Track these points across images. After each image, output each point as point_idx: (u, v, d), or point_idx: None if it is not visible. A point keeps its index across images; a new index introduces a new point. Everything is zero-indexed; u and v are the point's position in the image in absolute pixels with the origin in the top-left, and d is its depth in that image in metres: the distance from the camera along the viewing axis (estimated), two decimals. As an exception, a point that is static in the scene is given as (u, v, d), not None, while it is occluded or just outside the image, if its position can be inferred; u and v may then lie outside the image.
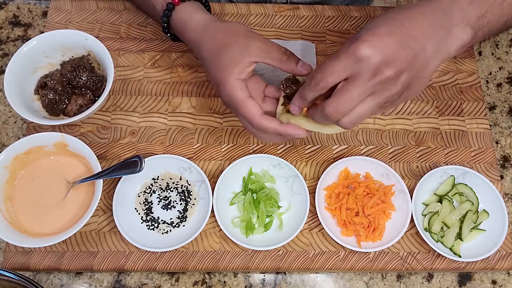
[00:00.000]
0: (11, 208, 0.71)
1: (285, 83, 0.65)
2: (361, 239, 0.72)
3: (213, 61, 0.66)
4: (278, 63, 0.65)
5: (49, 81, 0.77)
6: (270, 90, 0.69)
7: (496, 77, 0.89)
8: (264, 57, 0.65)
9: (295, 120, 0.63)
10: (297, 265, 0.72)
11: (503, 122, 0.85)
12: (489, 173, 0.79)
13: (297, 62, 0.65)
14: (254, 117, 0.63)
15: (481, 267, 0.73)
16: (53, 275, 0.73)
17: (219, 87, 0.65)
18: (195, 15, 0.70)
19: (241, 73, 0.64)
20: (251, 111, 0.63)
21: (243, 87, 0.64)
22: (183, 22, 0.71)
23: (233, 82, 0.63)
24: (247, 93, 0.64)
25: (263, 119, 0.63)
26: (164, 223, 0.73)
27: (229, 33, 0.67)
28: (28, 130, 0.78)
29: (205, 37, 0.68)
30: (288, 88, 0.64)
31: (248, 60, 0.64)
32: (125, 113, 0.81)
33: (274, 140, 0.70)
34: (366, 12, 0.90)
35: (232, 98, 0.64)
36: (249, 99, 0.63)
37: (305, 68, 0.65)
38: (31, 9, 0.92)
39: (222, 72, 0.64)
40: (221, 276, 0.73)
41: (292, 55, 0.65)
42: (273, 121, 0.64)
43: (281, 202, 0.75)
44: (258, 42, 0.65)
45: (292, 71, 0.65)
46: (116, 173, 0.70)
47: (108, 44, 0.84)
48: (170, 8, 0.71)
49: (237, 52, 0.64)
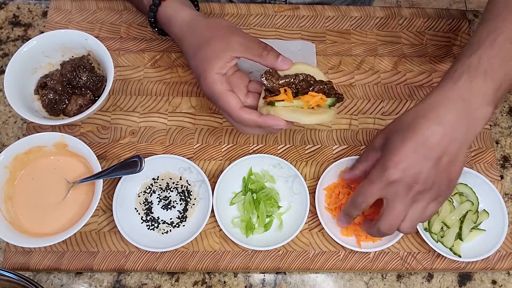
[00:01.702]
0: (11, 208, 0.71)
1: (265, 76, 0.67)
2: (361, 239, 0.72)
3: (195, 55, 0.68)
4: (259, 58, 0.66)
5: (49, 81, 0.77)
6: (253, 86, 0.71)
7: (496, 77, 0.89)
8: (244, 52, 0.66)
9: (274, 111, 0.65)
10: (297, 265, 0.72)
11: (503, 122, 0.85)
12: (489, 173, 0.79)
13: (277, 57, 0.66)
14: (233, 109, 0.65)
15: (481, 267, 0.73)
16: (53, 275, 0.73)
17: (200, 80, 0.67)
18: (180, 11, 0.72)
19: (222, 68, 0.66)
20: (230, 104, 0.65)
21: (223, 81, 0.66)
22: (168, 17, 0.72)
23: (214, 76, 0.65)
24: (226, 87, 0.66)
25: (242, 112, 0.65)
26: (164, 223, 0.73)
27: (211, 29, 0.69)
28: (28, 130, 0.78)
29: (189, 32, 0.70)
30: (268, 81, 0.66)
31: (230, 55, 0.66)
32: (125, 113, 0.81)
33: (255, 132, 0.71)
34: (366, 12, 0.90)
35: (212, 92, 0.66)
36: (228, 92, 0.65)
37: (286, 63, 0.67)
38: (31, 9, 0.91)
39: (204, 66, 0.66)
40: (221, 276, 0.73)
41: (273, 50, 0.67)
42: (252, 113, 0.65)
43: (281, 202, 0.75)
44: (239, 38, 0.67)
45: (273, 65, 0.67)
46: (116, 173, 0.70)
47: (108, 44, 0.84)
48: (156, 3, 0.72)
49: (218, 47, 0.66)
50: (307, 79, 0.67)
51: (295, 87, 0.67)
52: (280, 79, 0.67)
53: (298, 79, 0.67)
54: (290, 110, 0.65)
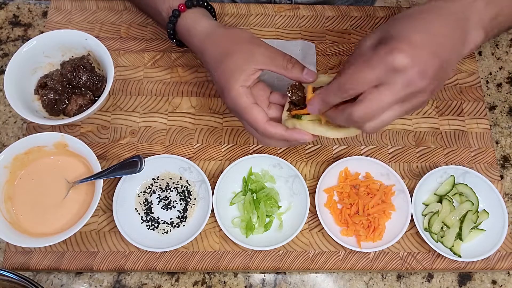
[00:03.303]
0: (11, 208, 0.71)
1: (291, 90, 0.65)
2: (361, 239, 0.72)
3: (217, 67, 0.66)
4: (283, 70, 0.65)
5: (49, 81, 0.77)
6: (275, 97, 0.69)
7: (496, 77, 0.89)
8: (269, 64, 0.65)
9: (300, 125, 0.64)
10: (297, 265, 0.72)
11: (503, 122, 0.85)
12: (489, 173, 0.79)
13: (302, 70, 0.65)
14: (259, 123, 0.64)
15: (481, 267, 0.73)
16: (53, 275, 0.73)
17: (224, 94, 0.65)
18: (200, 22, 0.71)
19: (246, 81, 0.64)
20: (256, 118, 0.63)
21: (248, 94, 0.64)
22: (188, 29, 0.71)
23: (238, 89, 0.64)
24: (252, 100, 0.64)
25: (269, 125, 0.64)
26: (164, 223, 0.73)
27: (233, 40, 0.67)
28: (28, 130, 0.78)
29: (209, 44, 0.68)
30: (294, 95, 0.65)
31: (254, 67, 0.64)
32: (125, 113, 0.81)
33: (280, 145, 0.71)
34: (366, 12, 0.90)
35: (237, 105, 0.64)
36: (254, 105, 0.64)
37: (310, 75, 0.65)
38: (31, 9, 0.92)
39: (227, 79, 0.64)
40: (221, 276, 0.73)
41: (297, 63, 0.65)
42: (279, 126, 0.64)
43: (281, 202, 0.75)
44: (263, 49, 0.65)
45: (298, 78, 0.65)
46: (116, 173, 0.70)
47: (108, 44, 0.84)
48: (176, 15, 0.71)
49: (242, 59, 0.65)
50: None
51: None
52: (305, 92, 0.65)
53: None
54: (316, 124, 0.63)
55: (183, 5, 0.71)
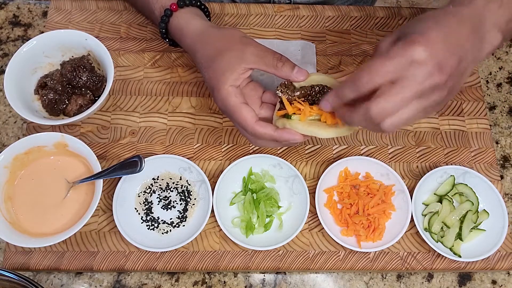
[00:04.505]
0: (11, 208, 0.71)
1: (280, 89, 0.65)
2: (361, 239, 0.72)
3: (208, 67, 0.66)
4: (273, 69, 0.64)
5: (49, 81, 0.77)
6: (267, 96, 0.69)
7: (496, 77, 0.89)
8: (259, 63, 0.64)
9: (290, 124, 0.63)
10: (297, 265, 0.72)
11: (503, 122, 0.85)
12: (489, 173, 0.79)
13: (292, 68, 0.64)
14: (248, 123, 0.63)
15: (481, 267, 0.73)
16: (53, 275, 0.73)
17: (214, 93, 0.65)
18: (192, 21, 0.71)
19: (236, 80, 0.64)
20: (245, 118, 0.63)
21: (238, 94, 0.64)
22: (180, 28, 0.71)
23: (228, 88, 0.64)
24: (241, 100, 0.64)
25: (257, 125, 0.63)
26: (164, 223, 0.73)
27: (224, 40, 0.67)
28: (28, 130, 0.78)
29: (202, 44, 0.68)
30: (284, 94, 0.64)
31: (244, 66, 0.64)
32: (125, 113, 0.81)
33: (271, 146, 0.70)
34: (366, 12, 0.90)
35: (226, 105, 0.64)
36: (243, 105, 0.63)
37: (302, 74, 0.64)
38: (31, 9, 0.92)
39: (217, 79, 0.64)
40: (221, 276, 0.73)
41: (288, 61, 0.65)
42: (268, 126, 0.63)
43: (281, 202, 0.75)
44: (253, 49, 0.65)
45: (288, 77, 0.64)
46: (116, 173, 0.70)
47: (108, 44, 0.84)
48: (168, 14, 0.71)
49: (232, 59, 0.64)
50: (323, 91, 0.64)
51: (311, 99, 0.65)
52: (295, 91, 0.65)
53: (314, 91, 0.65)
54: (306, 123, 0.63)
55: (175, 4, 0.71)
